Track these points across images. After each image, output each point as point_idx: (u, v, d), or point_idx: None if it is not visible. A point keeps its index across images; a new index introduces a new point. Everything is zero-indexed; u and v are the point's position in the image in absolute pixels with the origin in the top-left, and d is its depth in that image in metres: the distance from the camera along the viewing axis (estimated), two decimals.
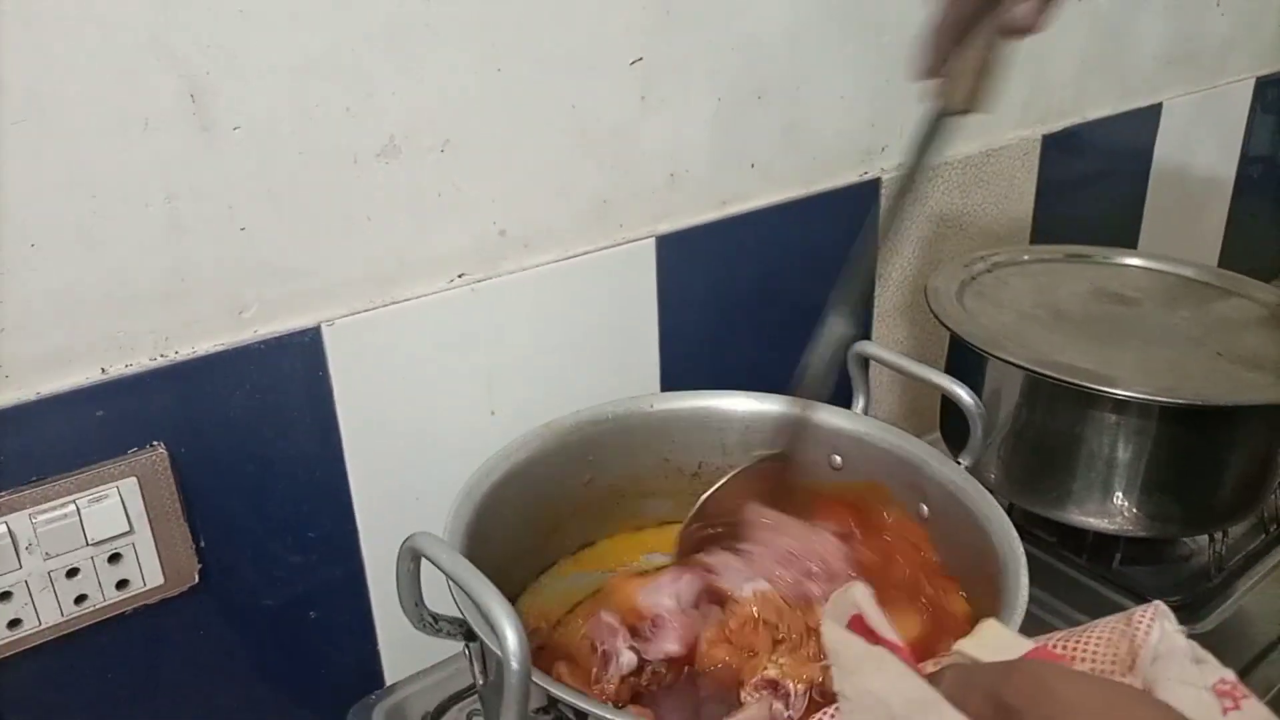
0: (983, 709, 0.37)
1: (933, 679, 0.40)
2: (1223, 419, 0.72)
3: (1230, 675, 0.39)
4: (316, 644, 0.70)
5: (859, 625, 0.44)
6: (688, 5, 0.75)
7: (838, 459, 0.68)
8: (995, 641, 0.43)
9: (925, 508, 0.63)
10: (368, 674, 0.74)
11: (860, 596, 0.45)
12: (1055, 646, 0.43)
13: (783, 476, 0.64)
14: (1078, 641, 0.42)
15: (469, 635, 0.53)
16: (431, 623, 0.53)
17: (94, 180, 0.55)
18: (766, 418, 0.70)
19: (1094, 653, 0.41)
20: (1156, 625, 0.41)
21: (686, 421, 0.70)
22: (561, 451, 0.66)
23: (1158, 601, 0.43)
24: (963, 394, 0.63)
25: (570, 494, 0.66)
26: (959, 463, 0.62)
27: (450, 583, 0.48)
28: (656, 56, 0.74)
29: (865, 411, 0.71)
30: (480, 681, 0.54)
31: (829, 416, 0.68)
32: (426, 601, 0.53)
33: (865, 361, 0.71)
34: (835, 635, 0.43)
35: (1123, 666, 0.41)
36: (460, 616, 0.52)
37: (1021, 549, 0.54)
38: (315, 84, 0.60)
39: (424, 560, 0.49)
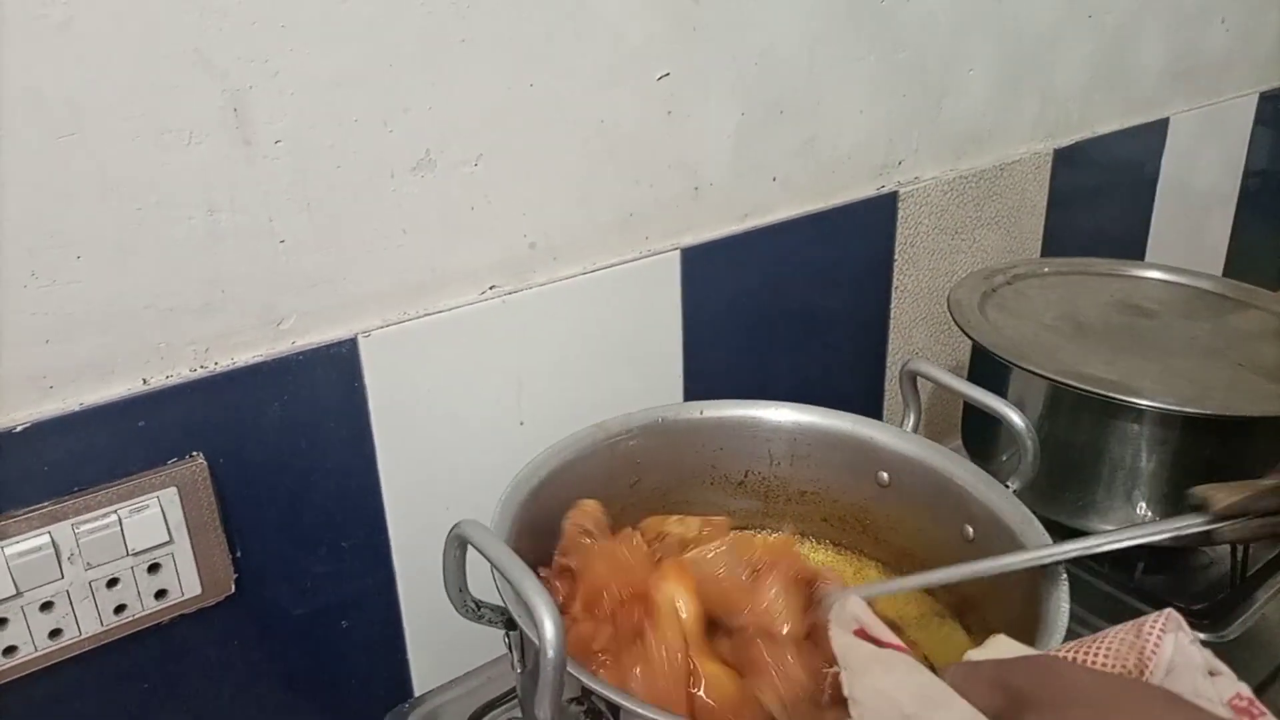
0: (993, 697, 0.37)
1: (941, 673, 0.40)
2: (1245, 429, 0.73)
3: (1246, 690, 0.39)
4: (348, 654, 0.71)
5: (862, 636, 0.45)
6: (712, 22, 0.76)
7: (885, 476, 0.68)
8: (1004, 651, 0.43)
9: (970, 529, 0.63)
10: (398, 684, 0.74)
11: (858, 609, 0.46)
12: (1064, 657, 0.43)
13: None
14: (1086, 652, 0.42)
15: (509, 624, 0.54)
16: (474, 609, 0.55)
17: (137, 193, 0.55)
18: (815, 430, 0.70)
19: (1102, 663, 0.42)
20: (1169, 637, 0.41)
21: (735, 430, 0.70)
22: (610, 452, 0.67)
23: (1170, 610, 0.43)
24: (1015, 418, 0.63)
25: (616, 495, 0.66)
26: (1007, 486, 0.63)
27: (493, 570, 0.49)
28: (682, 72, 0.75)
29: (915, 430, 0.70)
30: (519, 670, 0.55)
31: (877, 434, 0.69)
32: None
33: (914, 379, 0.71)
34: (843, 640, 0.43)
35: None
36: (502, 604, 0.53)
37: (1065, 577, 0.55)
38: (354, 98, 0.61)
39: (470, 549, 0.50)
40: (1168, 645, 0.40)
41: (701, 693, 0.53)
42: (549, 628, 0.43)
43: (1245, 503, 0.56)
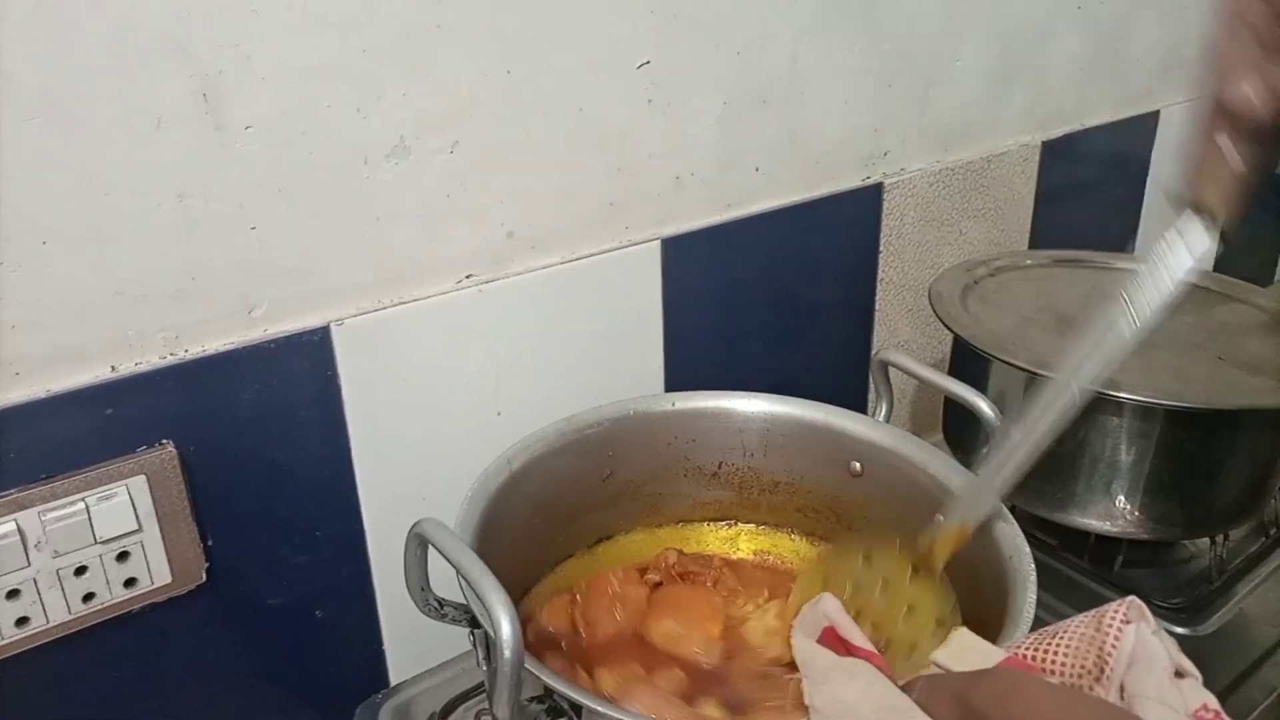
0: (953, 713, 0.37)
1: (906, 687, 0.40)
2: (1225, 423, 0.72)
3: (1213, 702, 0.39)
4: (322, 644, 0.70)
5: (831, 636, 0.44)
6: (694, 10, 0.75)
7: (857, 465, 0.68)
8: (967, 650, 0.43)
9: (941, 519, 0.63)
10: (373, 674, 0.74)
11: (831, 608, 0.45)
12: (1025, 655, 0.43)
13: None
14: (1047, 650, 0.42)
15: (474, 622, 0.54)
16: (437, 608, 0.54)
17: (106, 178, 0.55)
18: (787, 420, 0.70)
19: (1062, 664, 0.41)
20: (1130, 628, 0.41)
21: (708, 421, 0.70)
22: (581, 445, 0.67)
23: (1132, 597, 0.43)
24: (984, 407, 0.63)
25: (589, 488, 0.66)
26: (977, 475, 0.62)
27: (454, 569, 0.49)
28: (664, 60, 0.75)
29: (887, 419, 0.71)
30: (484, 668, 0.55)
31: (850, 423, 0.69)
32: (437, 588, 0.54)
33: (886, 368, 0.71)
34: (805, 648, 0.43)
35: (1090, 678, 0.41)
36: (465, 603, 0.52)
37: (1032, 565, 0.54)
38: (327, 84, 0.60)
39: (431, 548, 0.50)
40: (1128, 637, 0.40)
41: None
42: (505, 627, 0.43)
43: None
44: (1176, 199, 0.48)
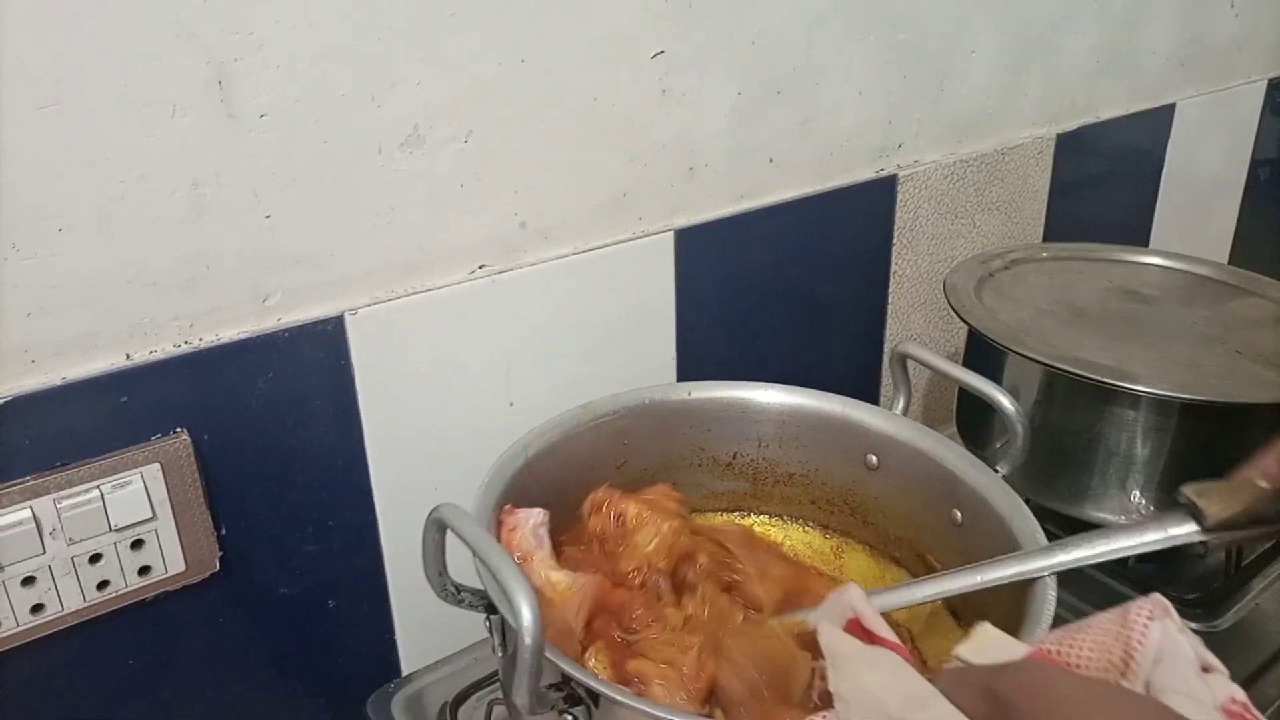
0: (978, 704, 0.37)
1: (929, 678, 0.40)
2: (1241, 417, 0.72)
3: (1241, 694, 0.39)
4: (334, 633, 0.70)
5: (856, 628, 0.44)
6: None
7: (874, 459, 0.68)
8: (991, 645, 0.43)
9: (959, 514, 0.62)
10: (385, 663, 0.74)
11: (856, 599, 0.45)
12: (1050, 650, 0.42)
13: None
14: (1071, 645, 0.42)
15: (490, 607, 0.54)
16: (454, 593, 0.54)
17: (120, 165, 0.55)
18: (804, 412, 0.70)
19: (1087, 658, 0.41)
20: (1156, 624, 0.41)
21: (723, 411, 0.70)
22: (596, 433, 0.66)
23: (1156, 595, 0.42)
24: (1005, 402, 0.63)
25: (603, 476, 0.66)
26: (996, 470, 0.62)
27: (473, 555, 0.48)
28: (677, 49, 0.74)
29: (904, 412, 0.70)
30: (500, 654, 0.55)
31: (867, 416, 0.68)
32: (451, 574, 0.53)
33: (905, 361, 0.71)
34: (831, 636, 0.43)
35: (1116, 673, 0.40)
36: (482, 588, 0.52)
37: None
38: (341, 72, 0.60)
39: (449, 532, 0.50)
40: (1154, 634, 0.40)
41: None
42: (526, 614, 0.43)
43: (1238, 517, 0.55)
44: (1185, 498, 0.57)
